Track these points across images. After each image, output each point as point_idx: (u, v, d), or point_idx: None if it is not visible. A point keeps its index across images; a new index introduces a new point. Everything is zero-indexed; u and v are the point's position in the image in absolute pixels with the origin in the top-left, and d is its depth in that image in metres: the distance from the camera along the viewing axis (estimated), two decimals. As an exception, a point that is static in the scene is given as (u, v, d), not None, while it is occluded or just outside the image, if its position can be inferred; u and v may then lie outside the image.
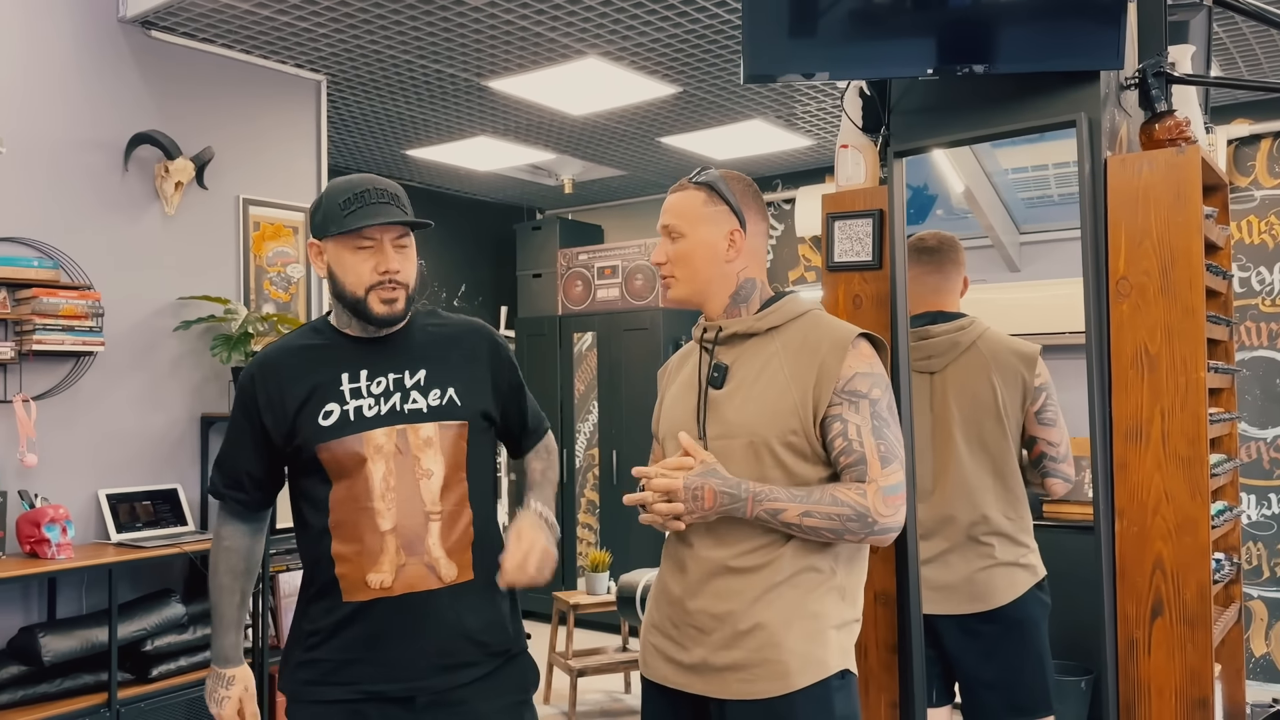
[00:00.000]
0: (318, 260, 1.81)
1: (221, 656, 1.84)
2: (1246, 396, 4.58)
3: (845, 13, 2.15)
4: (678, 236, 1.74)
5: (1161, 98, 2.09)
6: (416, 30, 3.67)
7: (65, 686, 3.03)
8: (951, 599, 2.27)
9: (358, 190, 1.75)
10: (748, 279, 1.75)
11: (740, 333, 1.73)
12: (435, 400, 1.80)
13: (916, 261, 2.43)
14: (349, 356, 1.81)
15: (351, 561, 1.74)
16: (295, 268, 4.07)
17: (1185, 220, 1.96)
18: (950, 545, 2.28)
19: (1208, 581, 1.91)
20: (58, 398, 3.31)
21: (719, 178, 1.74)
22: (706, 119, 4.89)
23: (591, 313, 6.27)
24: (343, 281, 1.77)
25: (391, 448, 1.75)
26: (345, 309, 1.80)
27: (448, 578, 1.76)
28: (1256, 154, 4.58)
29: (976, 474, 2.27)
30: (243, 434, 1.83)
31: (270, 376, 1.80)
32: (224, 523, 1.87)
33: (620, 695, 4.86)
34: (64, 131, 3.38)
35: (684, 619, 1.69)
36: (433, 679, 1.75)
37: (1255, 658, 4.53)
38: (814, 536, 1.60)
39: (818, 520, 1.58)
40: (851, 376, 1.63)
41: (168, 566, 3.54)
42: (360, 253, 1.75)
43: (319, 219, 1.78)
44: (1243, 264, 4.61)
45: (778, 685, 1.60)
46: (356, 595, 1.74)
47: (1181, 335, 1.95)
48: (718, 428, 1.69)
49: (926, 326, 2.38)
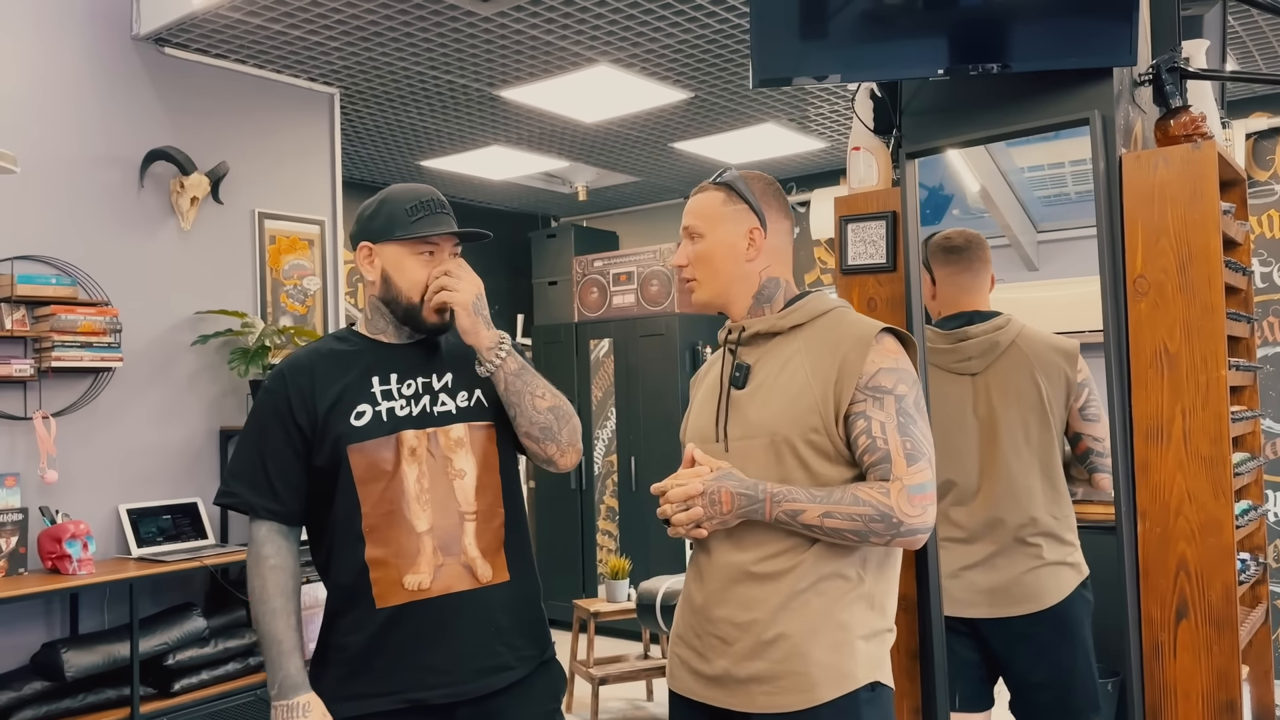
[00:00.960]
0: (367, 264, 1.82)
1: (289, 686, 1.70)
2: (1270, 393, 4.52)
3: (856, 14, 2.14)
4: (697, 237, 1.72)
5: (1176, 93, 2.07)
6: (428, 42, 3.68)
7: (88, 701, 3.04)
8: (1000, 601, 2.24)
9: (424, 199, 1.80)
10: (770, 278, 1.72)
11: (763, 332, 1.70)
12: (464, 402, 1.81)
13: (945, 261, 2.41)
14: (378, 360, 1.81)
15: (387, 565, 1.72)
16: (312, 280, 4.08)
17: (1202, 216, 1.93)
18: (998, 548, 2.25)
19: (1233, 583, 1.88)
20: (77, 414, 3.33)
21: (737, 177, 1.72)
22: (719, 123, 4.88)
23: (607, 319, 6.27)
24: (399, 286, 1.79)
25: (424, 450, 1.76)
26: (393, 314, 1.82)
27: (484, 578, 1.76)
28: (1276, 148, 4.53)
29: (1024, 475, 2.23)
30: (273, 437, 1.76)
31: (301, 375, 1.78)
32: (264, 541, 1.75)
33: (642, 703, 4.85)
34: (80, 149, 3.41)
35: (706, 628, 1.65)
36: (471, 683, 1.73)
37: (1285, 658, 4.47)
38: (837, 539, 1.55)
39: (839, 521, 1.53)
40: (875, 372, 1.58)
41: (189, 580, 3.56)
42: (420, 258, 1.79)
43: (380, 222, 1.80)
44: (1264, 259, 4.55)
45: (802, 698, 1.55)
46: (390, 600, 1.72)
47: (1201, 333, 1.92)
48: (739, 428, 1.66)
49: (964, 328, 2.35)
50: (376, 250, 1.81)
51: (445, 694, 1.72)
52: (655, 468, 6.00)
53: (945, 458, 2.30)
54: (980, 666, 2.34)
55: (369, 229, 1.82)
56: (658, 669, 4.60)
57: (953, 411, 2.31)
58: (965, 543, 2.28)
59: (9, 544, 3.07)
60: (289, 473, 1.76)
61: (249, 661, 3.46)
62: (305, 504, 1.78)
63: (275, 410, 1.77)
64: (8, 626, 3.13)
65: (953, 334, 2.35)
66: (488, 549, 1.77)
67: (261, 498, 1.75)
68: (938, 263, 2.43)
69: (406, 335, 1.84)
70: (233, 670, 3.41)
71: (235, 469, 1.79)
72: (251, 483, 1.76)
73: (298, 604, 1.75)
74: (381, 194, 1.84)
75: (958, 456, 2.30)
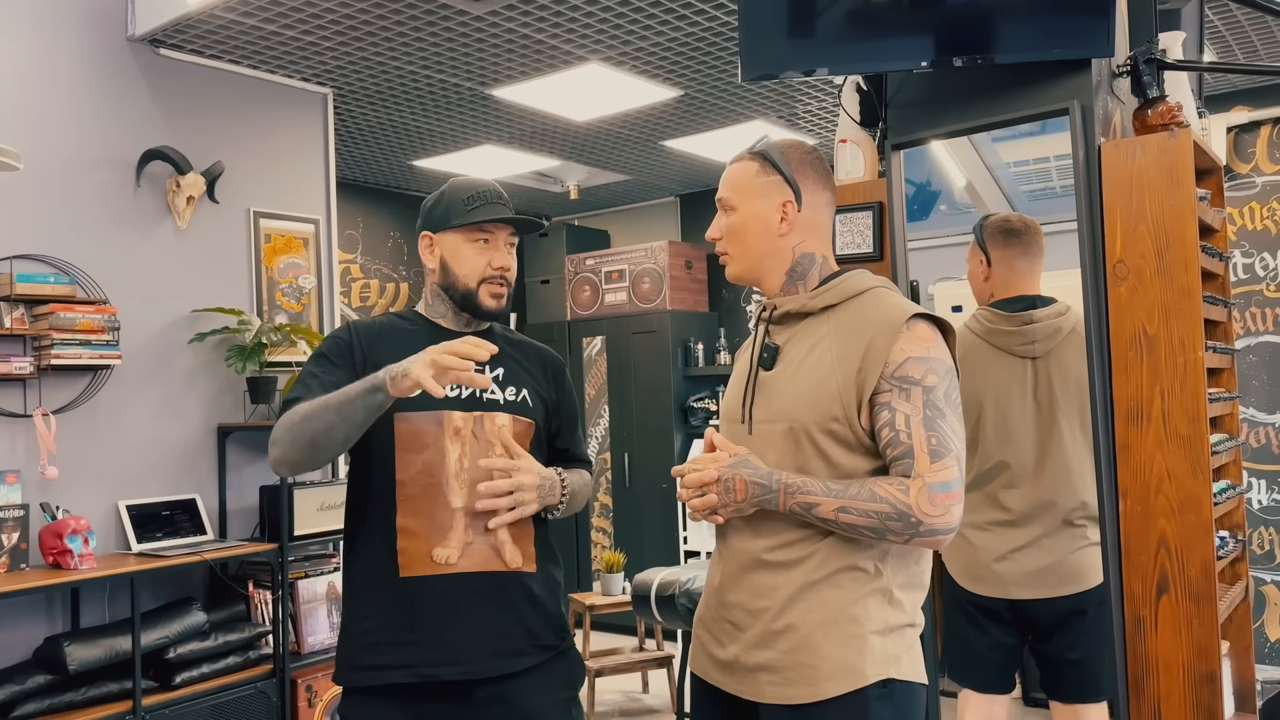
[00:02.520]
0: (428, 252, 1.90)
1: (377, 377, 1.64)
2: (1254, 382, 4.59)
3: (842, 10, 2.19)
4: (729, 210, 1.67)
5: (1153, 84, 2.13)
6: (420, 41, 3.73)
7: (90, 695, 3.08)
8: (1045, 582, 2.30)
9: (480, 189, 1.88)
10: (805, 254, 1.65)
11: (794, 311, 1.63)
12: (511, 396, 1.87)
13: (1005, 243, 2.45)
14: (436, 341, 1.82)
15: (417, 536, 1.76)
16: (307, 278, 4.12)
17: (1179, 203, 1.99)
18: (1045, 530, 2.30)
19: (1211, 558, 1.94)
20: (77, 411, 3.37)
21: (773, 146, 1.65)
22: (709, 121, 4.93)
23: (600, 317, 6.32)
24: (456, 272, 1.86)
25: (469, 431, 1.80)
26: (451, 300, 1.89)
27: (512, 563, 1.80)
28: (1256, 140, 4.60)
29: (1079, 458, 2.28)
30: (333, 370, 1.78)
31: (364, 336, 1.86)
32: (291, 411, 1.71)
33: (638, 695, 4.89)
34: (76, 150, 3.45)
35: (721, 612, 1.63)
36: (487, 664, 1.76)
37: (1270, 642, 4.54)
38: (853, 535, 1.49)
39: (855, 518, 1.47)
40: (903, 361, 1.50)
41: (188, 575, 3.59)
42: (476, 245, 1.86)
43: (439, 212, 1.88)
44: (1246, 250, 4.62)
45: (808, 691, 1.51)
46: (415, 570, 1.75)
47: (1179, 316, 1.98)
48: (763, 410, 1.61)
49: (1028, 311, 2.39)
50: (436, 239, 1.89)
51: (459, 671, 1.74)
52: (649, 465, 6.04)
53: (1000, 439, 2.35)
54: (1013, 651, 2.39)
55: (429, 219, 1.90)
56: (653, 661, 4.65)
57: (1012, 393, 2.34)
58: (1013, 525, 2.32)
59: (10, 540, 3.10)
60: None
61: (249, 655, 3.50)
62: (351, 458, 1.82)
63: (339, 352, 1.83)
64: (10, 621, 3.16)
65: (1017, 316, 2.38)
66: (517, 536, 1.82)
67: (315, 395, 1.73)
68: (995, 245, 2.46)
69: (465, 323, 1.91)
70: (233, 664, 3.44)
71: (295, 393, 1.77)
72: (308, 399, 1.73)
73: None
74: (444, 186, 1.92)
75: (1014, 438, 2.33)
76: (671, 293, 6.09)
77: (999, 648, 2.38)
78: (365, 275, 6.06)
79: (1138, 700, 2.00)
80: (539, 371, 1.97)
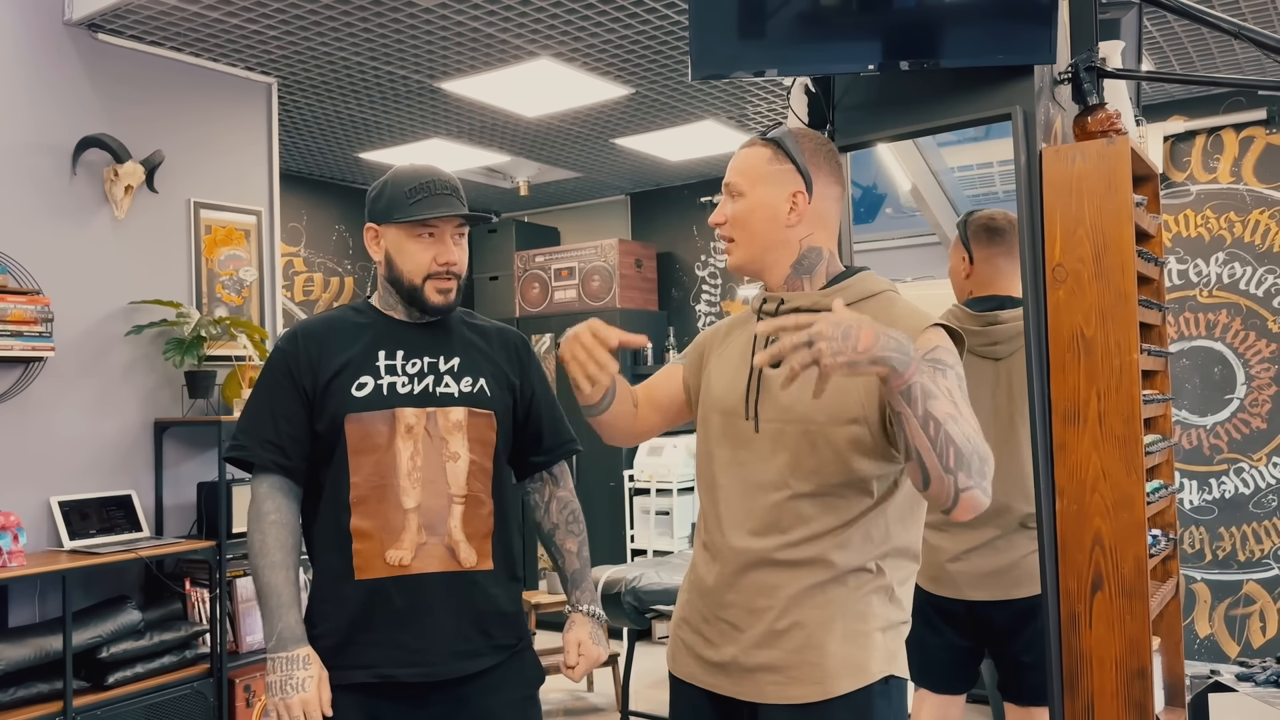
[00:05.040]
0: (374, 245, 1.85)
1: (288, 637, 1.69)
2: (1186, 385, 4.71)
3: (792, 12, 2.20)
4: (737, 195, 1.62)
5: (1093, 91, 2.17)
6: (368, 32, 3.68)
7: (19, 695, 2.99)
8: (1000, 584, 2.30)
9: (424, 180, 1.80)
10: (812, 247, 1.60)
11: (804, 308, 1.57)
12: (467, 387, 1.83)
13: (987, 241, 2.43)
14: (388, 336, 1.83)
15: (371, 538, 1.73)
16: (248, 270, 4.05)
17: (1116, 208, 2.03)
18: (1001, 532, 2.31)
19: (1144, 555, 1.98)
20: (7, 404, 3.27)
21: (788, 133, 1.61)
22: (659, 120, 4.94)
23: (549, 314, 6.30)
24: (401, 268, 1.81)
25: (421, 429, 1.77)
26: (399, 295, 1.83)
27: (467, 563, 1.77)
28: (1192, 150, 4.72)
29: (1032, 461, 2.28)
30: (283, 394, 1.78)
31: (313, 340, 1.81)
32: (266, 497, 1.75)
33: (583, 694, 4.89)
34: (9, 135, 3.35)
35: (716, 613, 1.58)
36: (444, 665, 1.74)
37: (1200, 639, 4.67)
38: (935, 450, 1.32)
39: (957, 433, 1.31)
40: (933, 348, 1.45)
41: (123, 573, 3.51)
42: (421, 240, 1.79)
43: (382, 205, 1.82)
44: (1180, 256, 4.75)
45: (815, 690, 1.48)
46: (370, 573, 1.73)
47: (1115, 319, 2.02)
48: (771, 410, 1.55)
49: (995, 311, 2.38)
50: (381, 231, 1.83)
51: (417, 673, 1.73)
52: (596, 464, 6.04)
53: None
54: (969, 652, 2.40)
55: (373, 210, 1.84)
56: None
57: (973, 394, 2.32)
58: (969, 527, 2.32)
59: (-65, 536, 3.01)
60: (296, 429, 1.77)
61: (184, 654, 3.43)
62: (305, 462, 1.79)
63: (287, 369, 1.79)
64: (-66, 621, 3.07)
65: (983, 316, 2.38)
66: (474, 534, 1.79)
67: (269, 451, 1.76)
68: (978, 242, 2.45)
69: (417, 314, 1.87)
70: (168, 663, 3.37)
71: (245, 425, 1.78)
72: (260, 437, 1.76)
73: (297, 559, 1.76)
74: (387, 175, 1.86)
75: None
76: (621, 291, 6.09)
77: (956, 649, 2.40)
78: (309, 269, 5.98)
79: (1072, 695, 2.04)
80: (502, 355, 1.91)
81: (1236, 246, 4.63)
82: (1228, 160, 4.65)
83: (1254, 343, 4.60)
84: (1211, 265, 4.68)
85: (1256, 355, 4.59)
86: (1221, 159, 4.66)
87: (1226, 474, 4.63)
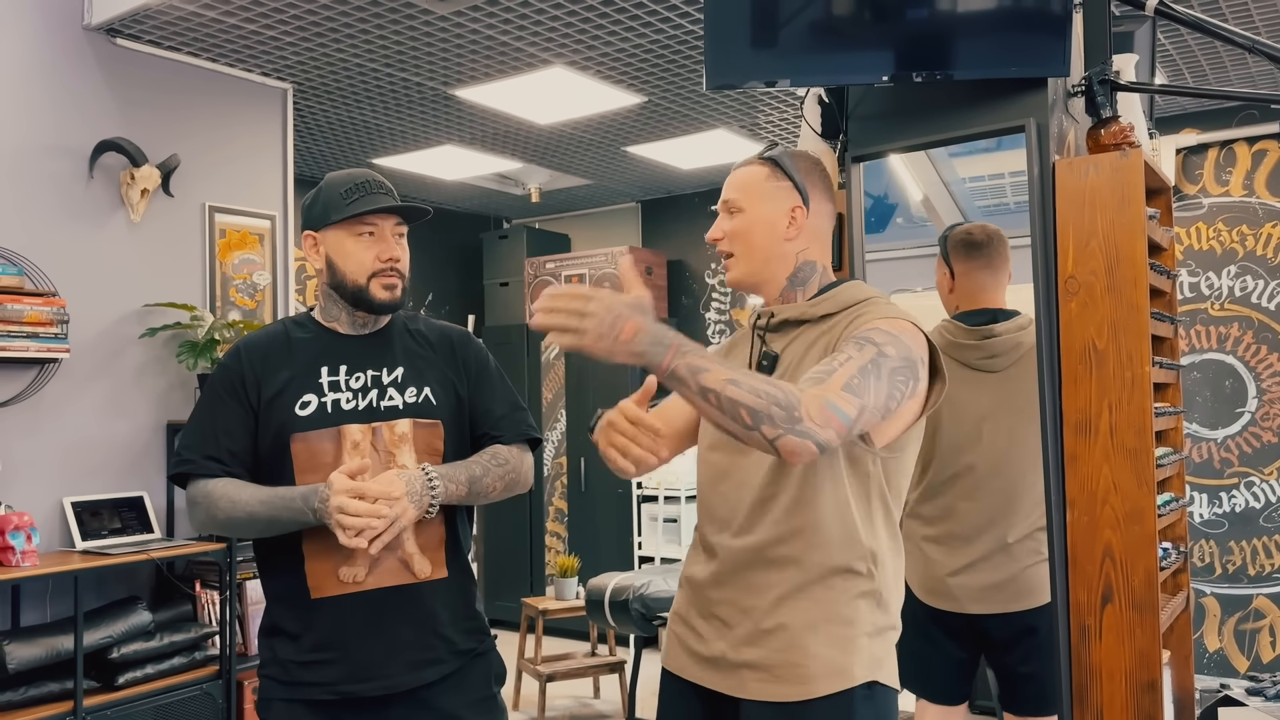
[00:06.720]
0: (313, 252, 1.83)
1: (302, 494, 1.66)
2: (1197, 398, 4.70)
3: (806, 23, 2.21)
4: (736, 211, 1.67)
5: (1106, 104, 2.17)
6: (383, 39, 3.71)
7: (30, 695, 3.01)
8: (999, 597, 2.29)
9: (358, 180, 1.81)
10: (807, 261, 1.66)
11: (792, 319, 1.64)
12: (411, 398, 1.81)
13: (966, 256, 2.43)
14: (330, 351, 1.82)
15: (323, 557, 1.73)
16: (261, 275, 4.07)
17: (1129, 221, 2.03)
18: (999, 545, 2.30)
19: (1154, 568, 1.98)
20: (22, 405, 3.30)
21: (784, 153, 1.68)
22: (671, 129, 4.95)
23: (558, 321, 6.30)
24: (343, 270, 1.80)
25: (367, 444, 1.76)
26: (343, 299, 1.82)
27: (422, 574, 1.77)
28: (1204, 163, 4.72)
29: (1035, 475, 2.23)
30: (224, 410, 1.78)
31: (255, 357, 1.80)
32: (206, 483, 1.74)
33: (589, 700, 4.89)
34: (28, 138, 3.38)
35: (707, 609, 1.61)
36: (404, 676, 1.75)
37: (1209, 653, 4.65)
38: (728, 416, 1.36)
39: (741, 393, 1.34)
40: (870, 328, 1.49)
41: (134, 574, 3.53)
42: (362, 239, 1.79)
43: (317, 210, 1.81)
44: (1192, 269, 4.74)
45: (796, 690, 1.51)
46: (325, 591, 1.73)
47: (1127, 331, 2.02)
48: None
49: (989, 325, 2.37)
50: (319, 238, 1.82)
51: (377, 687, 1.73)
52: (605, 470, 6.04)
53: (957, 454, 2.35)
54: (966, 664, 2.40)
55: (309, 217, 1.83)
56: (605, 666, 4.64)
57: (970, 408, 2.32)
58: (968, 540, 2.32)
59: (-51, 535, 3.03)
60: (237, 444, 1.77)
61: (194, 655, 3.45)
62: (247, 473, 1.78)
63: (230, 386, 1.79)
64: (-53, 619, 3.09)
65: (977, 330, 2.37)
66: (426, 545, 1.78)
67: (207, 458, 1.76)
68: (957, 257, 2.45)
69: (359, 324, 1.85)
70: (178, 664, 3.39)
71: (187, 440, 1.79)
72: (203, 451, 1.77)
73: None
74: (320, 182, 1.86)
75: (970, 452, 2.32)
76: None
77: (955, 660, 2.39)
78: (322, 273, 6.00)
79: (1081, 708, 2.04)
80: (445, 359, 1.88)
81: (1248, 260, 4.62)
82: (1240, 173, 4.64)
83: (1265, 356, 4.59)
84: (1223, 278, 4.67)
85: (1268, 369, 4.58)
86: (1234, 172, 4.65)
87: (1237, 488, 4.62)
